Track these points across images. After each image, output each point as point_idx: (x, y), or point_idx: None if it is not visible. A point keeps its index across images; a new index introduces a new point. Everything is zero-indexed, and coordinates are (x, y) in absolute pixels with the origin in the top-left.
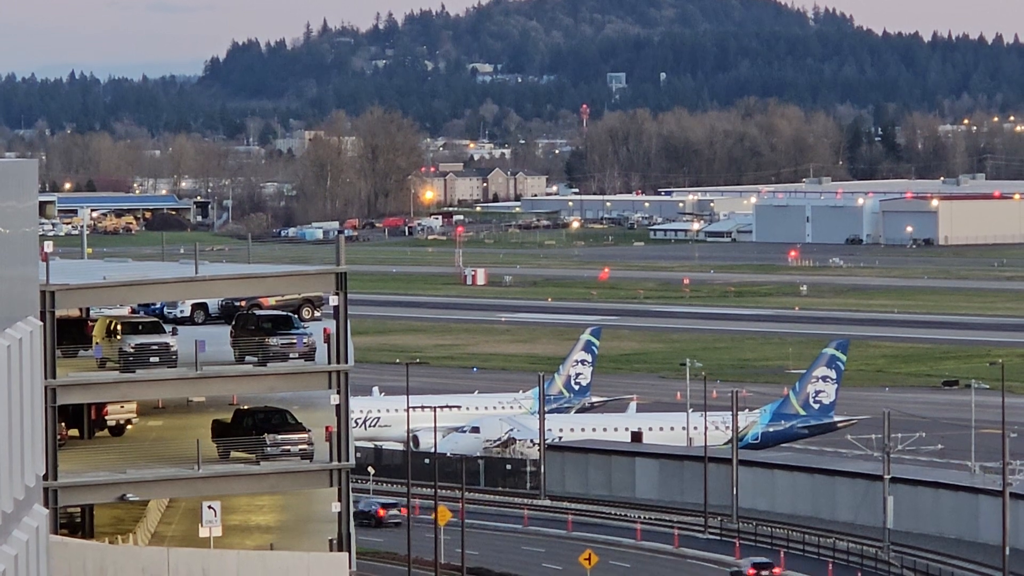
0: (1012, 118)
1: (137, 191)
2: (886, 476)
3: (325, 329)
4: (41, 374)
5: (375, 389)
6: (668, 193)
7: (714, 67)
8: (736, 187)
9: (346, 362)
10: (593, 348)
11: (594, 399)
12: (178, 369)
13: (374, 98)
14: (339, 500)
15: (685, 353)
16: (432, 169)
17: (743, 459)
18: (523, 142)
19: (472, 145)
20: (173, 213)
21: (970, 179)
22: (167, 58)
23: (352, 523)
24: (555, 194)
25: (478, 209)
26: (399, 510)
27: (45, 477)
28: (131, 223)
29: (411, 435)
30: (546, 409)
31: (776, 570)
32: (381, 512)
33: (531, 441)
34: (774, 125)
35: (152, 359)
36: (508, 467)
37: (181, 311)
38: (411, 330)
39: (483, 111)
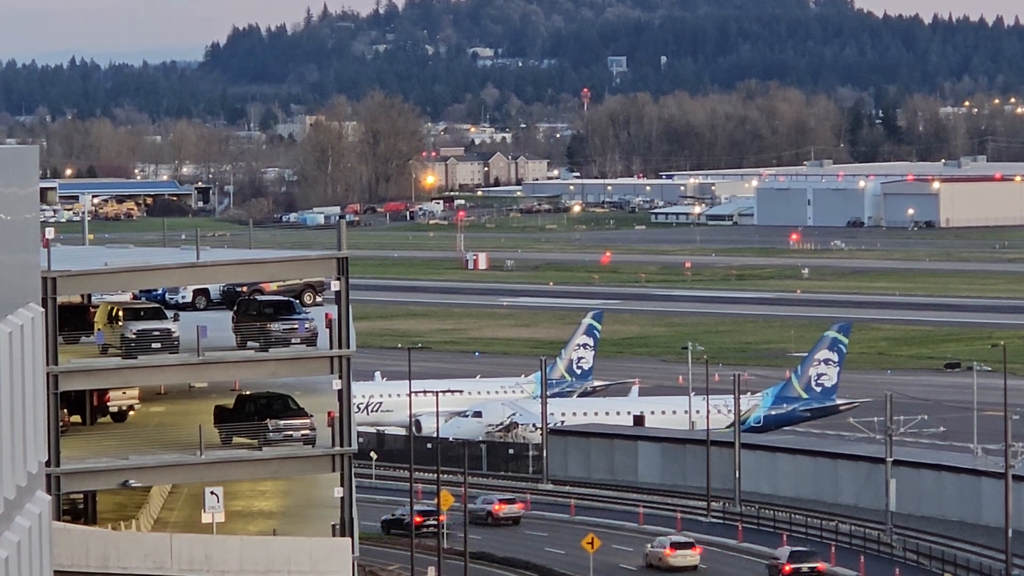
0: (1013, 100)
1: (138, 177)
2: (888, 459)
3: (327, 314)
4: (43, 361)
5: (377, 374)
6: (669, 177)
7: (715, 50)
8: (737, 170)
9: (348, 347)
10: (595, 332)
11: (596, 383)
12: (180, 355)
13: (375, 83)
14: (342, 485)
15: (687, 337)
16: (433, 154)
17: (745, 442)
18: (524, 126)
19: (473, 129)
20: (174, 199)
21: (971, 161)
22: (167, 43)
23: (355, 508)
24: (556, 178)
25: (479, 193)
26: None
27: (47, 464)
28: (132, 209)
29: (413, 420)
30: (548, 393)
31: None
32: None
33: (533, 425)
34: (775, 108)
35: (154, 345)
36: (510, 451)
37: (183, 297)
38: (413, 315)
39: (484, 95)
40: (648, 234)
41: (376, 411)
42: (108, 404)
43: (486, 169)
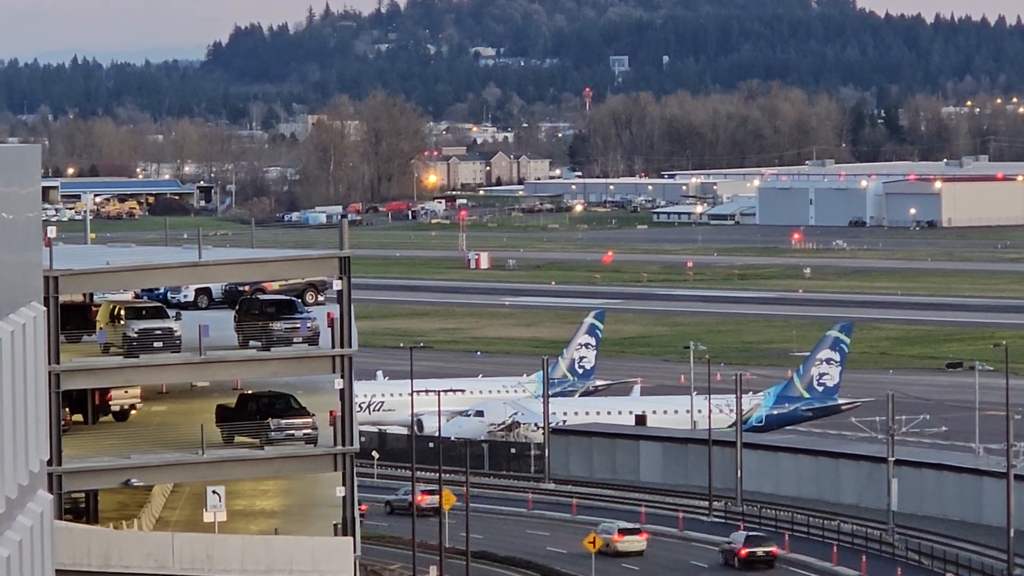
0: (1015, 100)
1: (140, 176)
2: (890, 458)
3: (329, 313)
4: (45, 360)
5: (379, 373)
6: (671, 176)
7: (717, 50)
8: (739, 170)
9: (350, 346)
10: (597, 331)
11: (598, 383)
12: (182, 354)
13: (377, 82)
14: (343, 484)
15: (689, 336)
16: (435, 153)
17: (747, 442)
18: (526, 126)
19: (475, 129)
20: (176, 198)
21: (973, 161)
22: (170, 42)
23: (357, 507)
24: (558, 178)
25: (481, 193)
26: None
27: (49, 463)
28: (134, 208)
29: (415, 419)
30: (550, 393)
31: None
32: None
33: (535, 425)
34: (777, 108)
35: (156, 344)
36: (512, 451)
37: (185, 296)
38: (415, 314)
39: (486, 95)
40: (650, 233)
41: (378, 410)
42: (110, 403)
43: (488, 168)
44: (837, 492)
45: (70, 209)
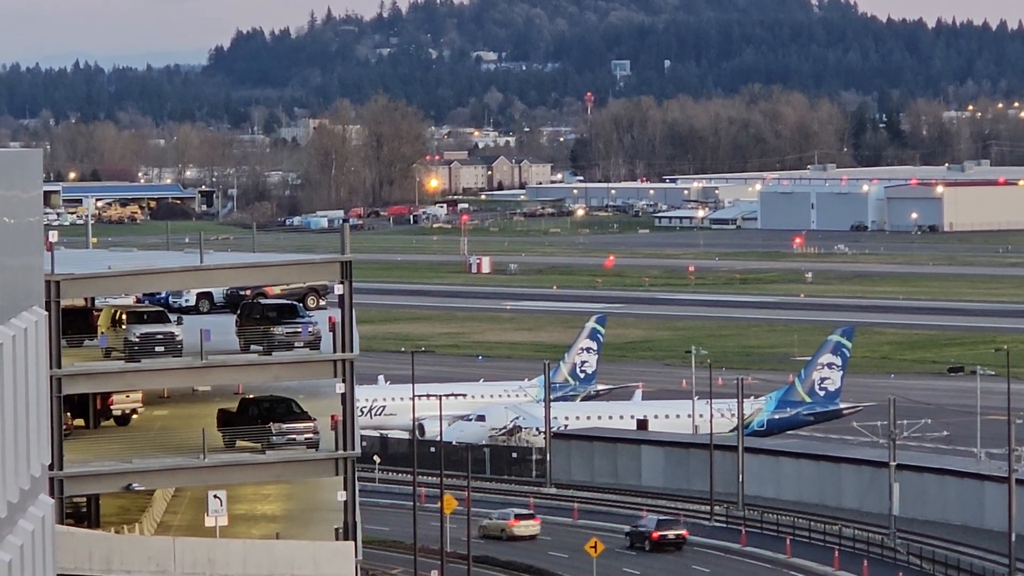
0: (1016, 104)
1: (142, 180)
2: (892, 463)
3: (330, 318)
4: (46, 364)
5: (380, 378)
6: (673, 180)
7: (718, 54)
8: (741, 174)
9: (351, 351)
10: (598, 336)
11: (599, 387)
12: (183, 358)
13: (378, 86)
14: (345, 489)
15: (690, 340)
16: (437, 157)
17: (749, 446)
18: (528, 130)
19: (477, 133)
20: (178, 202)
21: (975, 165)
22: (171, 47)
23: (358, 512)
24: (560, 182)
25: (483, 197)
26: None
27: (51, 467)
28: (136, 212)
29: (417, 423)
30: (552, 397)
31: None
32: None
33: (537, 429)
34: (778, 112)
35: (157, 348)
36: (514, 455)
37: (186, 300)
38: (416, 318)
39: (488, 99)
40: (652, 238)
41: (379, 415)
42: (111, 407)
43: (490, 173)
44: (839, 496)
45: (72, 213)
